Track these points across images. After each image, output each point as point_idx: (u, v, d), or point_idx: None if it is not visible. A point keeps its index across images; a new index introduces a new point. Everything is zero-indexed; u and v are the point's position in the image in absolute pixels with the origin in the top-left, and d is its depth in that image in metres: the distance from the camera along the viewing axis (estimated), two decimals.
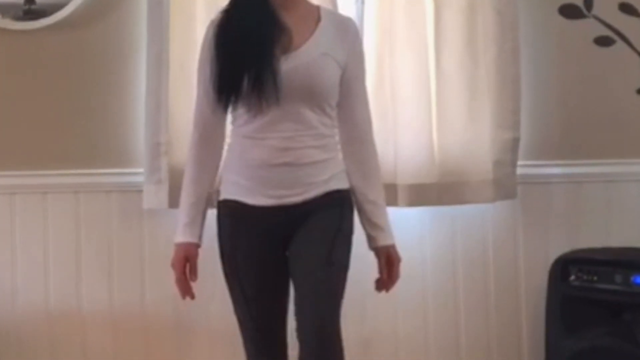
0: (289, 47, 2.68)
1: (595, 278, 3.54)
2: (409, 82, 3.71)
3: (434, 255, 3.83)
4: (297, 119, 2.68)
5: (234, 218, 2.76)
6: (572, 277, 3.58)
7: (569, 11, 3.86)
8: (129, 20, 3.74)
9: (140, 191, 3.65)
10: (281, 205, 2.70)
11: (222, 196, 2.80)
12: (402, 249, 2.86)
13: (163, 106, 3.61)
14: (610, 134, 3.89)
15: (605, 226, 3.86)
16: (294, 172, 2.69)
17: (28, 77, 3.74)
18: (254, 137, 2.71)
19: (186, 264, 2.75)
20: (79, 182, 3.72)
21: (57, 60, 3.74)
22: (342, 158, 2.82)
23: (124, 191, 3.73)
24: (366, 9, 3.68)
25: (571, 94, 3.89)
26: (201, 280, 2.79)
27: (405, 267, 2.86)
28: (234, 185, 2.76)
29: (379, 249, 2.82)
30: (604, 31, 3.87)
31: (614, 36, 3.87)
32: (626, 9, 3.87)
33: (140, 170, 3.66)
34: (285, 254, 2.76)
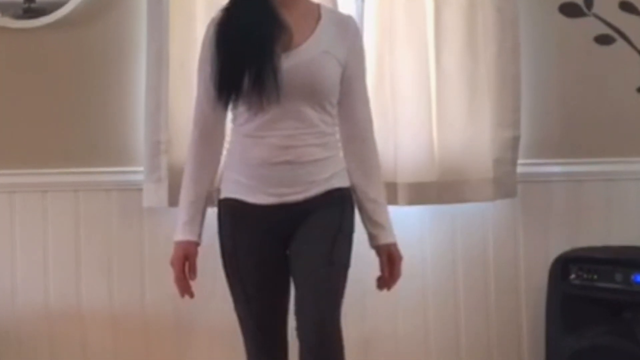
0: (289, 45, 2.68)
1: (595, 277, 3.54)
2: (409, 81, 3.70)
3: (434, 254, 3.83)
4: (298, 117, 2.68)
5: (235, 217, 2.76)
6: (573, 276, 3.58)
7: (569, 9, 3.86)
8: (129, 18, 3.74)
9: (140, 189, 3.65)
10: (282, 203, 2.70)
11: (223, 195, 2.80)
12: (402, 247, 2.86)
13: (163, 104, 3.60)
14: (610, 132, 3.89)
15: (605, 225, 3.85)
16: (294, 170, 2.69)
17: (28, 76, 3.73)
18: (254, 135, 2.71)
19: (185, 262, 2.74)
20: (78, 181, 3.71)
21: (57, 59, 3.73)
22: (343, 156, 2.82)
23: (123, 190, 3.72)
24: (366, 7, 3.67)
25: (571, 92, 3.89)
26: (201, 278, 2.79)
27: (405, 266, 2.86)
28: (234, 184, 2.76)
29: (381, 247, 2.82)
30: (605, 30, 3.86)
31: (614, 35, 3.87)
32: (626, 7, 3.87)
33: (140, 168, 3.66)
34: (286, 252, 2.76)
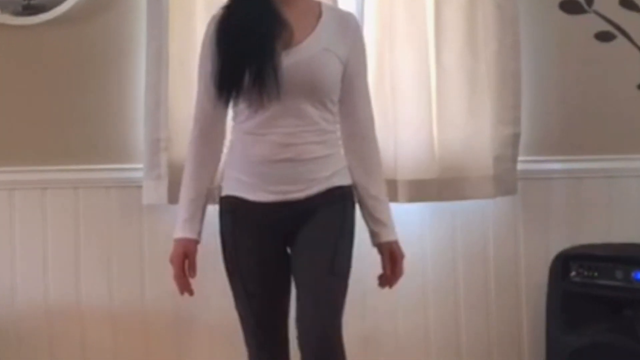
0: (290, 43, 2.68)
1: (596, 274, 3.53)
2: (409, 78, 3.70)
3: (434, 251, 3.82)
4: (299, 115, 2.68)
5: (236, 214, 2.75)
6: (573, 273, 3.57)
7: (569, 6, 3.85)
8: (129, 15, 3.73)
9: (139, 187, 3.65)
10: (283, 201, 2.69)
11: (224, 192, 2.80)
12: (403, 244, 2.85)
13: (162, 102, 3.60)
14: (610, 129, 3.88)
15: (605, 222, 3.85)
16: (295, 168, 2.69)
17: (27, 73, 3.73)
18: (255, 133, 2.71)
19: (185, 260, 2.74)
20: (78, 178, 3.71)
21: (56, 56, 3.73)
22: (344, 154, 2.81)
23: (123, 187, 3.72)
24: (366, 4, 3.66)
25: (572, 89, 3.88)
26: (201, 276, 2.79)
27: (405, 263, 2.85)
28: (235, 182, 2.75)
29: (382, 245, 2.82)
30: (605, 26, 3.85)
31: (614, 31, 3.86)
32: (627, 4, 3.86)
33: (140, 166, 3.66)
34: (286, 249, 2.76)
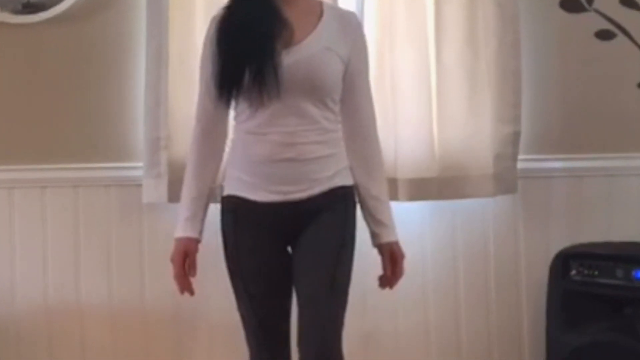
0: (290, 41, 2.67)
1: (596, 273, 3.52)
2: (409, 76, 3.69)
3: (434, 249, 3.82)
4: (300, 114, 2.67)
5: (238, 214, 2.75)
6: (573, 272, 3.57)
7: (570, 5, 3.84)
8: (128, 14, 3.73)
9: (139, 185, 3.65)
10: (285, 201, 2.68)
11: (226, 192, 2.79)
12: (403, 243, 2.85)
13: (162, 100, 3.60)
14: (611, 128, 3.87)
15: (606, 220, 3.84)
16: (297, 167, 2.68)
17: (26, 71, 3.73)
18: (256, 132, 2.70)
19: (185, 259, 2.73)
20: (78, 177, 3.71)
21: (56, 55, 3.73)
22: (346, 153, 2.80)
23: (123, 185, 3.72)
24: (366, 2, 3.65)
25: (572, 87, 3.87)
26: (201, 275, 2.78)
27: (405, 262, 2.84)
28: (237, 181, 2.75)
29: (383, 245, 2.81)
30: (605, 25, 3.85)
31: (615, 30, 3.85)
32: (627, 2, 3.85)
33: (140, 164, 3.65)
34: (288, 249, 2.76)
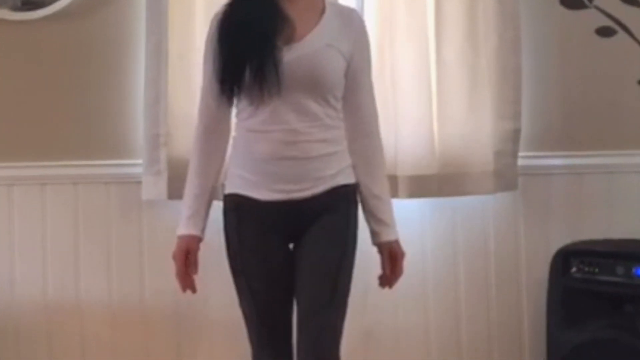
0: (292, 38, 2.67)
1: (596, 270, 3.52)
2: (409, 73, 3.69)
3: (434, 246, 3.81)
4: (301, 111, 2.67)
5: (240, 212, 2.74)
6: (574, 269, 3.57)
7: (570, 1, 3.84)
8: (128, 10, 3.72)
9: (139, 182, 3.64)
10: (289, 200, 2.68)
11: (228, 190, 2.78)
12: (403, 240, 2.85)
13: (162, 97, 3.60)
14: (611, 124, 3.87)
15: (606, 218, 3.84)
16: (301, 166, 2.67)
17: (26, 68, 3.72)
18: (258, 130, 2.69)
19: (187, 256, 2.73)
20: (77, 174, 3.71)
21: (55, 51, 3.72)
22: (348, 151, 2.80)
23: (122, 182, 3.72)
24: None
25: (572, 84, 3.87)
26: (201, 272, 2.78)
27: (405, 259, 2.84)
28: (239, 179, 2.74)
29: (382, 244, 2.81)
30: (606, 22, 3.84)
31: (615, 27, 3.85)
32: None
33: (139, 161, 3.65)
34: (290, 247, 2.76)
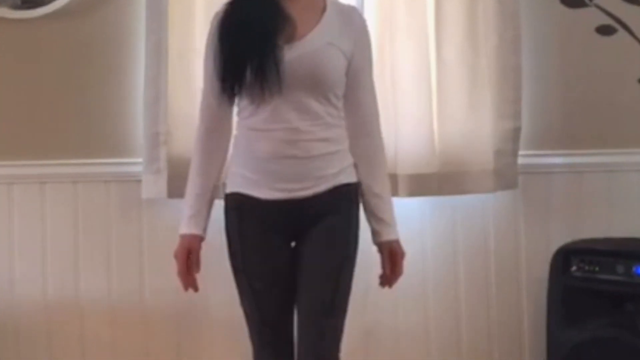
0: (293, 37, 2.66)
1: (596, 268, 3.52)
2: (409, 72, 3.68)
3: (434, 245, 3.81)
4: (302, 110, 2.66)
5: (241, 211, 2.73)
6: (574, 268, 3.56)
7: (570, 0, 3.84)
8: (128, 9, 3.72)
9: (139, 181, 3.64)
10: (290, 199, 2.68)
11: (229, 189, 2.78)
12: (403, 239, 2.85)
13: (162, 96, 3.59)
14: (611, 123, 3.87)
15: (606, 216, 3.84)
16: (302, 165, 2.67)
17: (26, 67, 3.72)
18: (259, 129, 2.69)
19: (189, 255, 2.73)
20: (77, 172, 3.71)
21: (55, 50, 3.72)
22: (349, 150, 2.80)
23: (122, 181, 3.72)
24: None
25: (572, 83, 3.87)
26: (202, 271, 2.78)
27: (405, 259, 2.84)
28: (240, 178, 2.74)
29: (382, 243, 2.81)
30: (606, 20, 3.84)
31: (615, 25, 3.84)
32: None
33: (139, 160, 3.65)
34: (292, 245, 2.76)
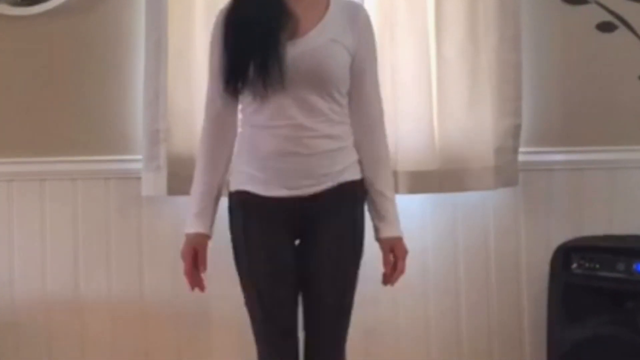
0: (296, 33, 2.66)
1: (597, 266, 3.51)
2: (409, 69, 3.68)
3: (434, 242, 3.81)
4: (306, 106, 2.65)
5: (246, 209, 2.73)
6: (574, 265, 3.56)
7: None
8: (128, 6, 3.73)
9: (138, 178, 3.64)
10: (295, 196, 2.67)
11: (233, 187, 2.78)
12: (403, 236, 2.83)
13: (161, 93, 3.59)
14: (612, 120, 3.86)
15: (607, 213, 3.83)
16: (306, 162, 2.67)
17: (25, 64, 3.72)
18: (262, 126, 2.69)
19: (195, 254, 2.73)
20: (77, 169, 3.71)
21: (55, 47, 3.72)
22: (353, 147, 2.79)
23: (122, 178, 3.72)
24: None
25: (573, 80, 3.86)
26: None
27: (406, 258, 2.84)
28: (244, 176, 2.73)
29: (384, 240, 2.80)
30: (607, 17, 3.84)
31: (616, 22, 3.84)
32: None
33: (139, 157, 3.65)
34: (296, 242, 2.76)
